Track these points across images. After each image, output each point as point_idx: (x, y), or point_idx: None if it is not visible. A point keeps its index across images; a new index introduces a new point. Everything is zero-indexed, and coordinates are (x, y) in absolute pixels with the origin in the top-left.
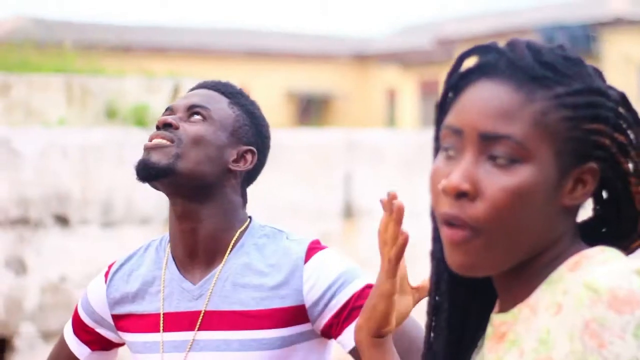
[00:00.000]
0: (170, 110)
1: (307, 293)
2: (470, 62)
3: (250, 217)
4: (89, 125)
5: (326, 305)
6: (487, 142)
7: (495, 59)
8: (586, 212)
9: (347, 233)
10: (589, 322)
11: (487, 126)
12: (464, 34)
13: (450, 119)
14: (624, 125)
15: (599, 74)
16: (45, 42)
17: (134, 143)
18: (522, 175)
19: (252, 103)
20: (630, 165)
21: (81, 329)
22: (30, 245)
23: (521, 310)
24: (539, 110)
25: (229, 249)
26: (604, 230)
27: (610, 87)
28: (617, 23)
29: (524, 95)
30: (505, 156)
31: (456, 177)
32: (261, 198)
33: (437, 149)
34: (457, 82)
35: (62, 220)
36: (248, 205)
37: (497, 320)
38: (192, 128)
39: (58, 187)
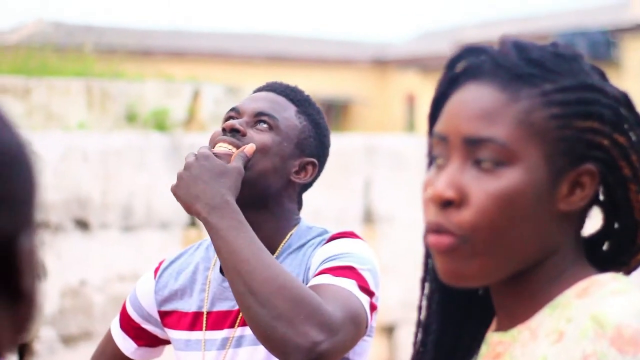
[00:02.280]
0: (236, 112)
1: (311, 269)
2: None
3: (300, 219)
4: (109, 130)
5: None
6: (471, 147)
7: (481, 61)
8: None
9: (367, 238)
10: (588, 356)
11: (469, 130)
12: (483, 40)
13: (437, 126)
14: (625, 126)
15: (599, 72)
16: (66, 46)
17: (154, 147)
18: (508, 178)
19: (319, 112)
20: (629, 171)
21: (128, 324)
22: (50, 250)
23: (521, 332)
24: (523, 109)
25: (277, 253)
26: (605, 244)
27: (610, 85)
28: (638, 29)
29: (508, 94)
30: (490, 160)
31: (440, 184)
32: None
33: (430, 161)
34: (446, 89)
35: (82, 225)
36: None
37: (494, 339)
38: (259, 137)
39: (78, 191)
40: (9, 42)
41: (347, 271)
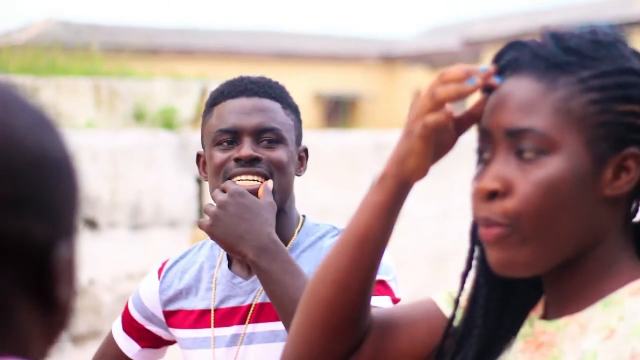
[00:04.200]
0: (231, 134)
1: None
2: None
3: (303, 216)
4: (118, 128)
5: None
6: (513, 138)
7: (520, 54)
8: None
9: None
10: (637, 355)
11: (509, 122)
12: (492, 35)
13: (481, 122)
14: None
15: (638, 55)
16: (74, 45)
17: (163, 146)
18: (550, 166)
19: (288, 94)
20: None
21: (131, 326)
22: None
23: (568, 324)
24: (561, 97)
25: (287, 248)
26: None
27: None
28: None
29: (545, 84)
30: (532, 149)
31: (485, 178)
32: None
33: (479, 157)
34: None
35: (91, 224)
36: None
37: (538, 326)
38: (274, 155)
39: (86, 190)
40: (17, 41)
41: (380, 286)
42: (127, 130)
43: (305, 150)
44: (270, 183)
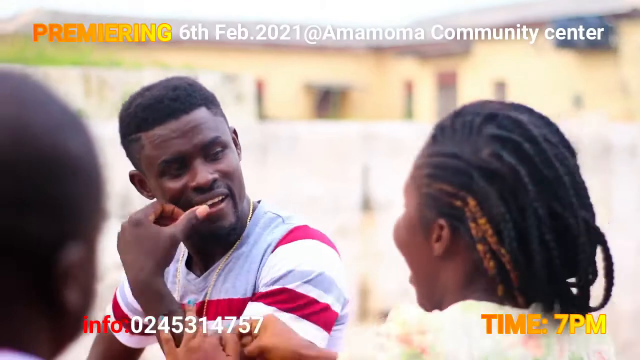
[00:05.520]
0: (178, 162)
1: (261, 278)
2: None
3: (259, 202)
4: (107, 118)
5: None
6: None
7: None
8: None
9: (365, 226)
10: None
11: None
12: (480, 26)
13: None
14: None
15: (504, 141)
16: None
17: None
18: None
19: (204, 88)
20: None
21: (119, 314)
22: None
23: None
24: (416, 164)
25: (235, 245)
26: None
27: (495, 157)
28: (634, 14)
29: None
30: None
31: None
32: (278, 191)
33: None
34: None
35: None
36: (267, 198)
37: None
38: (226, 167)
39: None
40: (6, 30)
41: (310, 311)
42: (117, 119)
43: (235, 132)
44: (202, 209)
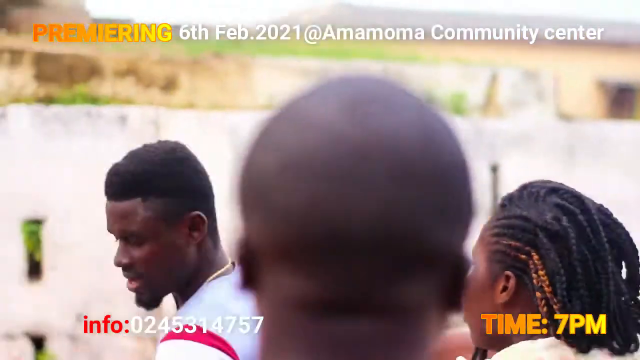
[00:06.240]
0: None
1: None
2: None
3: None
4: None
5: None
6: None
7: None
8: None
9: None
10: None
11: None
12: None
13: None
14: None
15: (561, 209)
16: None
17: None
18: None
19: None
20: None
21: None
22: None
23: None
24: (484, 226)
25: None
26: None
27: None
28: None
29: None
30: None
31: None
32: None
33: None
34: None
35: None
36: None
37: None
38: (139, 256)
39: None
40: (303, 21)
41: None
42: None
43: (199, 216)
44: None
